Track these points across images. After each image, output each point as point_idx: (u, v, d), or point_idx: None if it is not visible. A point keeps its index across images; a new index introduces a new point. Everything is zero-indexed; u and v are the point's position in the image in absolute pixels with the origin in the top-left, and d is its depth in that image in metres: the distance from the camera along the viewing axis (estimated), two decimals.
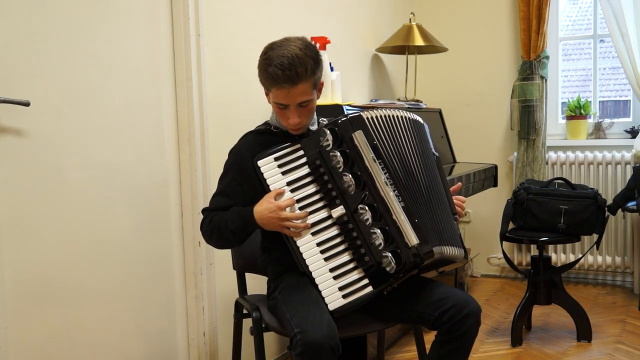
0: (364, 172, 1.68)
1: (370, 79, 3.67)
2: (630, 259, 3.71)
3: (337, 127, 1.71)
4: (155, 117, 2.19)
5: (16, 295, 1.73)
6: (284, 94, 1.69)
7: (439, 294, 1.73)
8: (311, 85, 1.72)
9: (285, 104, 1.72)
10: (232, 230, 1.75)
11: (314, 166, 1.73)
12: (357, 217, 1.67)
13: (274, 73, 1.66)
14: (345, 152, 1.69)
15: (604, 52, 4.15)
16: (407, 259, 1.64)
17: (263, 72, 1.71)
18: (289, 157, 1.75)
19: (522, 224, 2.97)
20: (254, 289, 2.25)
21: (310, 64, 1.68)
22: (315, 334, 1.52)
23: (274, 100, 1.75)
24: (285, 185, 1.73)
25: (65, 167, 1.87)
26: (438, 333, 1.72)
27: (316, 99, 1.79)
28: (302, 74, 1.67)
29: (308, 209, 1.71)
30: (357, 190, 1.67)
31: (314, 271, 1.68)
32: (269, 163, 1.74)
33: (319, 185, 1.73)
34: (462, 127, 4.08)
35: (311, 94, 1.73)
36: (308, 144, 1.75)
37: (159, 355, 2.22)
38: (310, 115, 1.80)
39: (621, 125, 3.82)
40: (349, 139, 1.70)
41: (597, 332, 2.99)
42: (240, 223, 1.75)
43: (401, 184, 1.71)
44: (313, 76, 1.71)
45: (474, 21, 4.11)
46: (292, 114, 1.73)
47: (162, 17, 2.21)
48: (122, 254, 2.06)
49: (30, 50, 1.77)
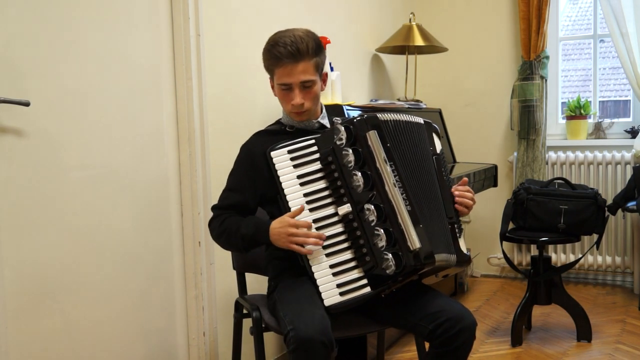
0: (374, 172, 1.68)
1: (370, 79, 3.67)
2: (630, 259, 3.71)
3: (352, 125, 1.71)
4: (155, 117, 2.19)
5: (16, 295, 1.73)
6: (287, 72, 1.75)
7: (434, 306, 1.71)
8: (313, 66, 1.77)
9: (289, 82, 1.77)
10: (243, 235, 1.77)
11: (325, 162, 1.74)
12: (363, 217, 1.67)
13: (277, 51, 1.74)
14: (358, 150, 1.69)
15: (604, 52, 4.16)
16: (408, 263, 1.64)
17: (267, 54, 1.79)
18: (302, 152, 1.76)
19: (522, 224, 2.97)
20: (254, 289, 2.25)
21: (312, 45, 1.76)
22: (307, 330, 1.53)
23: (277, 82, 1.80)
24: (296, 178, 1.74)
25: (65, 167, 1.87)
26: (432, 346, 1.71)
27: (320, 86, 1.83)
28: (304, 51, 1.74)
29: (315, 204, 1.72)
30: (365, 190, 1.67)
31: (314, 265, 1.68)
32: (281, 155, 1.76)
33: (328, 181, 1.73)
34: (462, 127, 4.08)
35: (314, 75, 1.78)
36: (322, 140, 1.76)
37: (159, 355, 2.22)
38: (315, 100, 1.83)
39: (621, 125, 3.82)
40: (362, 138, 1.70)
41: (597, 332, 2.99)
42: (253, 230, 1.76)
43: (409, 188, 1.71)
44: (315, 57, 1.77)
45: (474, 21, 4.11)
46: (296, 95, 1.78)
47: (162, 17, 2.21)
48: (122, 254, 2.06)
49: (30, 50, 1.77)
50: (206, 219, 2.28)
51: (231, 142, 2.40)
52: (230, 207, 1.84)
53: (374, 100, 3.49)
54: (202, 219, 2.29)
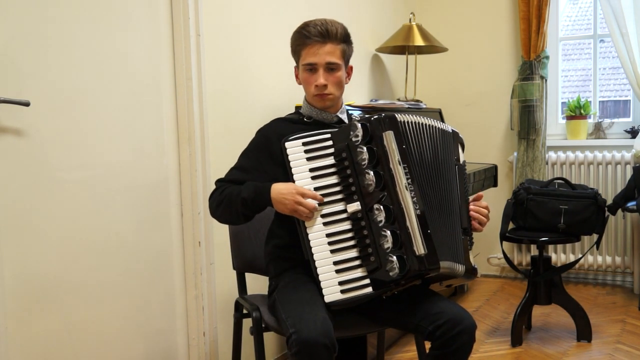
0: (387, 173, 1.67)
1: (370, 79, 3.67)
2: (630, 259, 3.71)
3: (369, 124, 1.70)
4: (155, 117, 2.19)
5: (16, 294, 1.73)
6: (314, 51, 1.80)
7: (435, 307, 1.71)
8: (340, 51, 1.83)
9: (314, 62, 1.81)
10: (243, 198, 1.75)
11: (339, 158, 1.73)
12: (371, 216, 1.67)
13: (307, 31, 1.81)
14: (372, 149, 1.68)
15: (604, 52, 4.16)
16: (412, 267, 1.63)
17: (296, 35, 1.85)
18: (317, 145, 1.76)
19: (522, 224, 2.97)
20: (254, 289, 2.25)
21: (341, 31, 1.83)
22: (309, 332, 1.52)
23: (303, 63, 1.84)
24: (308, 171, 1.73)
25: (65, 166, 1.87)
26: (432, 347, 1.70)
27: (344, 74, 1.87)
28: (333, 34, 1.81)
29: (325, 199, 1.71)
30: (376, 190, 1.67)
31: (317, 260, 1.68)
32: (296, 147, 1.75)
33: (340, 177, 1.73)
34: (462, 127, 4.06)
35: (340, 59, 1.83)
36: (338, 135, 1.76)
37: (158, 355, 2.22)
38: (338, 86, 1.85)
39: (621, 125, 3.82)
40: (378, 137, 1.69)
41: (597, 332, 2.99)
42: (255, 194, 1.75)
43: (422, 192, 1.70)
44: (342, 43, 1.84)
45: (474, 21, 4.11)
46: (320, 75, 1.81)
47: (162, 17, 2.21)
48: (122, 254, 2.06)
49: (30, 50, 1.77)
50: (206, 220, 2.29)
51: (231, 142, 2.41)
52: (234, 183, 1.83)
53: (374, 100, 3.49)
54: (202, 219, 2.29)
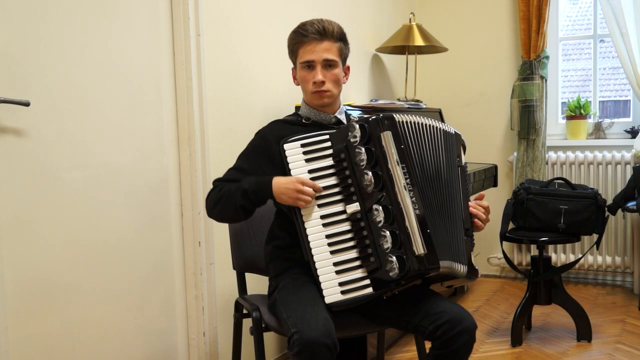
0: (386, 173, 1.67)
1: (370, 79, 3.67)
2: (630, 259, 3.71)
3: (367, 124, 1.70)
4: (155, 117, 2.19)
5: (16, 295, 1.73)
6: (311, 49, 1.83)
7: (435, 307, 1.71)
8: (337, 49, 1.86)
9: (311, 59, 1.83)
10: (244, 189, 1.75)
11: (338, 159, 1.73)
12: (370, 217, 1.67)
13: (304, 29, 1.84)
14: (371, 150, 1.68)
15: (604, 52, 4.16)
16: (412, 267, 1.63)
17: (293, 35, 1.87)
18: (316, 146, 1.76)
19: (522, 224, 2.97)
20: (254, 289, 2.25)
21: (337, 30, 1.86)
22: (311, 332, 1.52)
23: (300, 62, 1.85)
24: (307, 172, 1.73)
25: (65, 167, 1.87)
26: (432, 347, 1.70)
27: (342, 72, 1.90)
28: (330, 32, 1.84)
29: (324, 200, 1.72)
30: (375, 190, 1.67)
31: (317, 262, 1.68)
32: (294, 148, 1.75)
33: (339, 178, 1.73)
34: (462, 127, 4.07)
35: (337, 56, 1.85)
36: (336, 136, 1.76)
37: (158, 355, 2.22)
38: (336, 84, 1.87)
39: (621, 125, 3.82)
40: (376, 138, 1.69)
41: (597, 332, 2.99)
42: (256, 185, 1.75)
43: (422, 192, 1.70)
44: (339, 42, 1.87)
45: (474, 21, 4.11)
46: (317, 72, 1.83)
47: (162, 17, 2.21)
48: (122, 254, 2.06)
49: (30, 50, 1.77)
50: (206, 220, 2.29)
51: (231, 142, 2.41)
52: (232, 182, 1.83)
53: (374, 100, 3.49)
54: (202, 219, 2.29)
